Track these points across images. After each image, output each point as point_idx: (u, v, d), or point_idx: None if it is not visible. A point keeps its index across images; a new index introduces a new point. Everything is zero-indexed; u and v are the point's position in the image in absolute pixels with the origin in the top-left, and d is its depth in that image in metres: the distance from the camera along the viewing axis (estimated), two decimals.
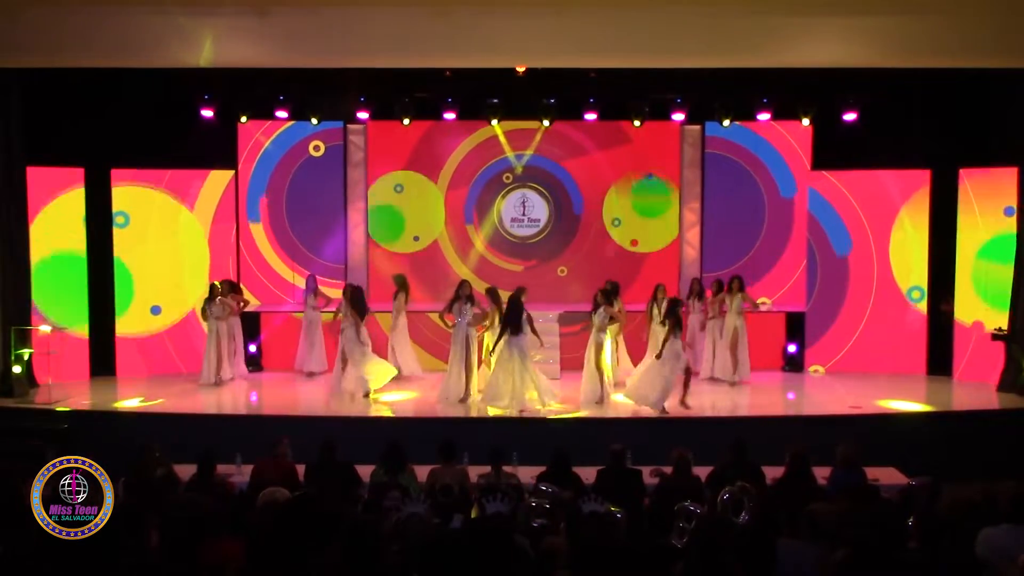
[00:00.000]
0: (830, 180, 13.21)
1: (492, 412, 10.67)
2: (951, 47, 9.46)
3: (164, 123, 12.62)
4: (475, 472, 7.66)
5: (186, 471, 7.37)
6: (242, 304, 12.61)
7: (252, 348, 13.08)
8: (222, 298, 12.12)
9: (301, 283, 13.05)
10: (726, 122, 12.84)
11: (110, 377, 12.63)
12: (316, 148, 13.60)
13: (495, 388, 10.74)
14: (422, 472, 7.57)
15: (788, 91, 12.46)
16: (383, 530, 5.33)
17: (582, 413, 10.74)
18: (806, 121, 12.80)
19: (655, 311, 12.02)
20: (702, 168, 13.69)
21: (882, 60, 10.19)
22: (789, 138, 13.38)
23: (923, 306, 12.83)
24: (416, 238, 13.85)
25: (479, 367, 11.55)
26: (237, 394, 12.01)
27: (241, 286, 13.11)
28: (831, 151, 13.04)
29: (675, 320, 10.63)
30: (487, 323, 11.41)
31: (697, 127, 13.58)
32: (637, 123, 12.84)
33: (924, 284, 12.81)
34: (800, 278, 13.27)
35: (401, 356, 12.55)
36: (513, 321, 10.68)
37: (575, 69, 11.76)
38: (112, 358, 12.81)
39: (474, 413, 10.88)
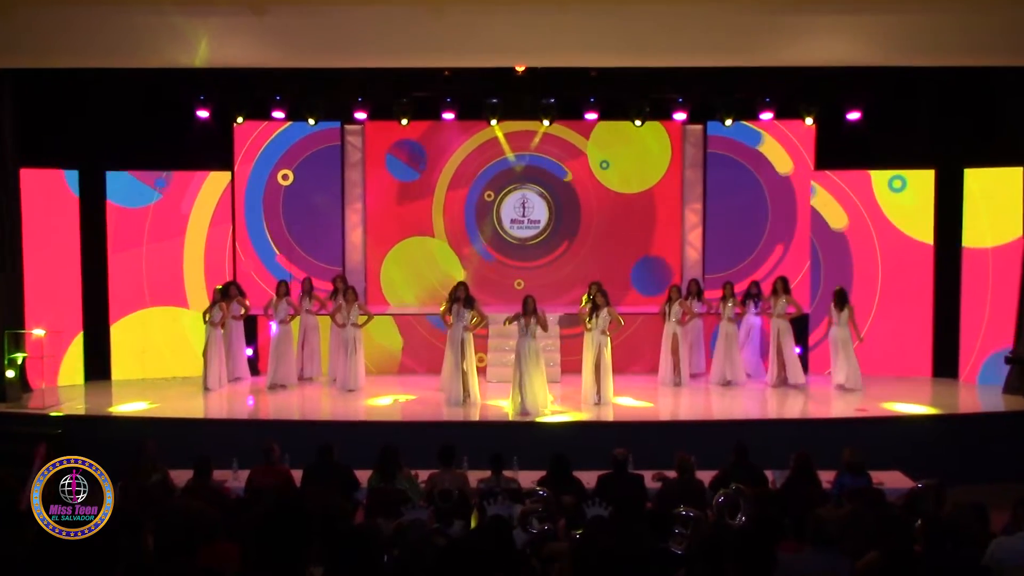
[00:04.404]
0: (834, 180, 13.21)
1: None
2: (956, 45, 9.46)
3: (159, 124, 12.61)
4: (475, 477, 7.66)
5: (182, 476, 7.38)
6: (243, 311, 12.59)
7: (249, 352, 13.07)
8: (224, 303, 12.10)
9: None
10: (728, 121, 12.84)
11: (105, 381, 12.63)
12: (284, 177, 13.56)
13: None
14: (420, 477, 7.57)
15: (791, 90, 12.45)
16: (382, 535, 5.34)
17: (583, 417, 10.74)
18: (809, 120, 12.80)
19: (668, 311, 12.28)
20: (704, 168, 13.69)
21: (886, 58, 10.19)
22: (792, 137, 13.38)
23: (903, 198, 12.97)
24: None
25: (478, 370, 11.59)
26: (234, 398, 12.01)
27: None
28: (835, 150, 13.05)
29: None
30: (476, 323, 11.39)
31: (699, 126, 13.58)
32: (638, 123, 12.84)
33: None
34: (804, 279, 13.26)
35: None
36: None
37: (575, 68, 11.76)
38: (107, 362, 12.81)
39: (475, 417, 10.88)
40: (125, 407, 11.22)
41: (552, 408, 10.82)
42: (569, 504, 6.44)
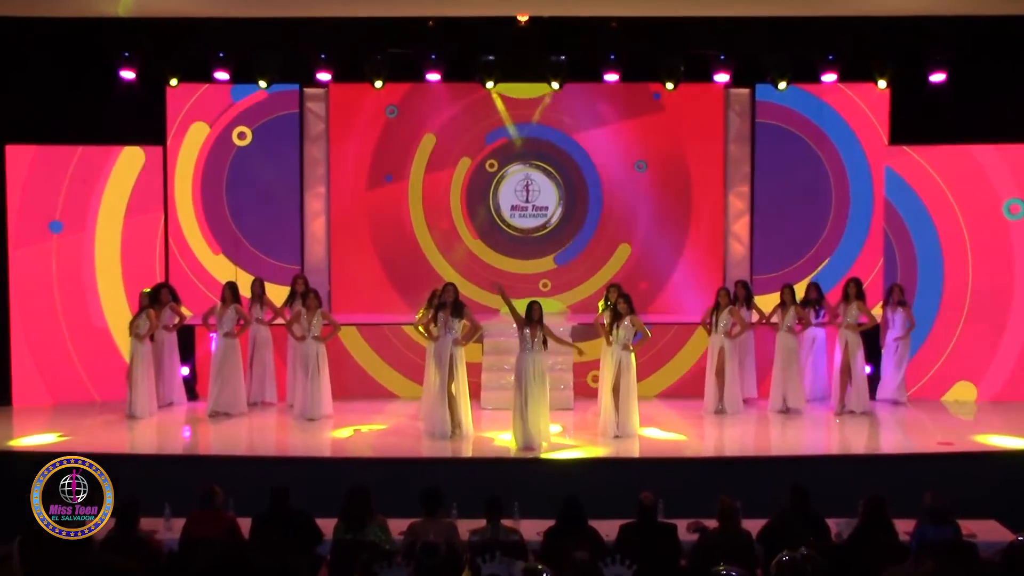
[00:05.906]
0: (912, 157, 13.23)
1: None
2: None
3: (74, 89, 12.65)
4: (466, 527, 7.66)
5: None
6: (177, 320, 12.60)
7: (184, 371, 13.08)
8: (153, 311, 12.10)
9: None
10: (782, 84, 12.86)
11: (5, 408, 12.65)
12: (241, 136, 13.60)
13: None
14: (399, 527, 7.58)
15: (860, 46, 12.48)
16: None
17: (600, 452, 10.75)
18: (882, 84, 12.83)
19: (715, 321, 12.34)
20: (752, 143, 13.71)
21: (977, 6, 10.21)
22: (861, 105, 13.40)
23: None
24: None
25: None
26: (166, 429, 12.01)
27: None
28: (914, 121, 13.07)
29: None
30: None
31: (746, 91, 13.60)
32: (670, 85, 12.86)
33: None
34: (875, 281, 13.27)
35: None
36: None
37: (591, 18, 11.77)
38: (7, 384, 12.82)
39: (466, 452, 10.89)
40: (29, 440, 11.23)
41: (556, 440, 10.80)
42: (583, 561, 6.43)
